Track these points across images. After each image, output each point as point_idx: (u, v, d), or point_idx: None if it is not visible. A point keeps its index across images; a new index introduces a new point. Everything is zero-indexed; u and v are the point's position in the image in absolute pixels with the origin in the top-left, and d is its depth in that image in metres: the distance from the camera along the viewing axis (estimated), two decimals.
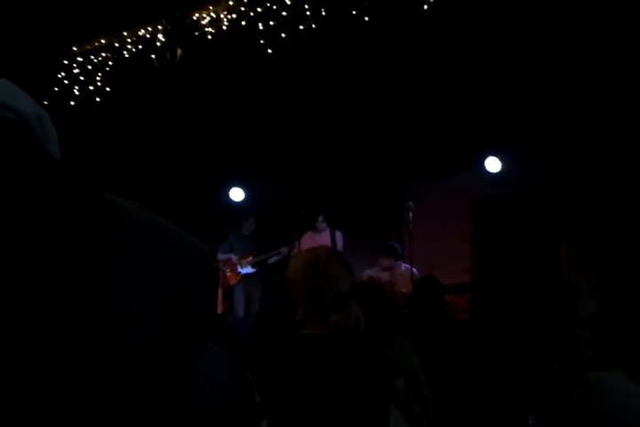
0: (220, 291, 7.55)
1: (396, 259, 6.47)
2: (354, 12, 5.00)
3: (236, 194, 8.20)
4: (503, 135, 6.65)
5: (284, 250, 7.20)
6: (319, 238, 6.94)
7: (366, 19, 5.00)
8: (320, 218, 6.99)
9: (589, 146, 6.55)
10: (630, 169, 6.36)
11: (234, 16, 5.50)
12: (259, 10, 5.34)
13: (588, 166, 6.66)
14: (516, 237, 5.63)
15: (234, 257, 7.40)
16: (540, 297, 5.33)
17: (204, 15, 5.65)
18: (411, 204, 6.54)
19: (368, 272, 6.46)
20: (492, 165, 7.00)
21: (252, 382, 1.73)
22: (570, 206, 6.43)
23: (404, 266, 6.55)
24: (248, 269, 7.41)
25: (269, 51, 5.40)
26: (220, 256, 7.37)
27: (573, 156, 6.73)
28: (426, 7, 4.82)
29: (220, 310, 7.44)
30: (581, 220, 6.58)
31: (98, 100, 6.27)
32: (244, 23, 5.42)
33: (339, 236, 7.03)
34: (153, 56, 5.91)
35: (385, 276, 6.38)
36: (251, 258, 7.41)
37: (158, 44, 5.88)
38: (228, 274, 7.41)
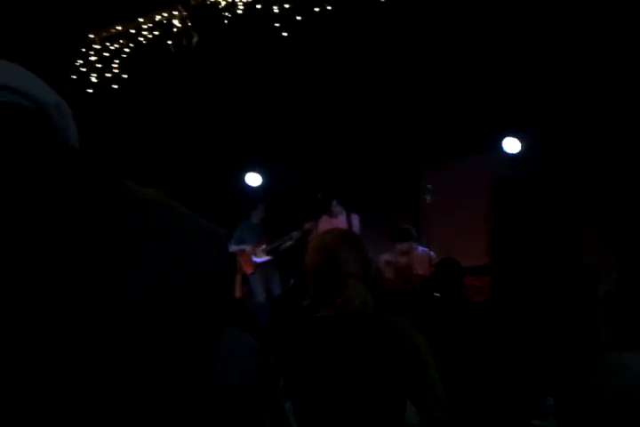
0: (237, 277, 7.59)
1: (412, 242, 6.42)
2: None
3: (253, 178, 8.20)
4: (522, 115, 6.55)
5: (296, 234, 7.19)
6: (336, 222, 6.93)
7: (382, 0, 4.95)
8: (334, 202, 6.97)
9: (610, 127, 6.45)
10: None
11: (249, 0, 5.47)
12: None
13: (608, 147, 6.56)
14: (536, 218, 5.59)
15: (247, 248, 7.41)
16: (559, 278, 5.30)
17: (220, 0, 5.62)
18: (429, 186, 6.49)
19: (384, 257, 6.43)
20: (511, 145, 6.90)
21: (276, 366, 1.76)
22: (589, 187, 6.35)
23: (421, 249, 6.51)
24: (263, 258, 7.43)
25: (285, 34, 5.37)
26: (233, 248, 7.32)
27: (593, 136, 6.62)
28: None
29: (238, 295, 7.49)
30: (601, 201, 6.49)
31: (115, 87, 6.30)
32: (259, 7, 5.39)
33: (355, 219, 7.01)
34: (169, 42, 5.91)
35: (402, 259, 6.35)
36: (264, 246, 7.42)
37: (174, 29, 5.87)
38: (244, 264, 7.43)
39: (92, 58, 6.26)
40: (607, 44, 5.41)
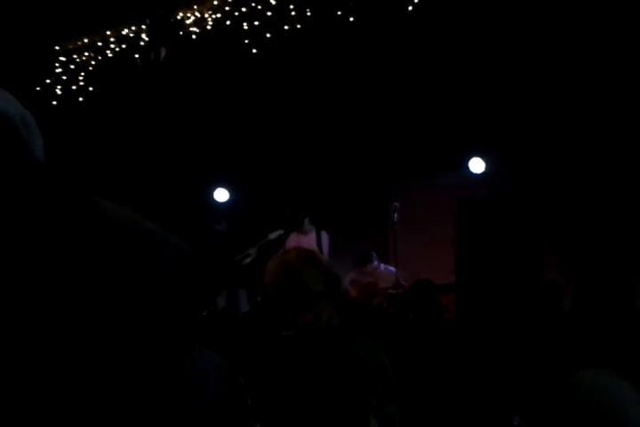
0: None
1: (373, 262, 6.52)
2: (339, 13, 5.01)
3: (221, 195, 8.15)
4: (487, 136, 6.68)
5: (253, 251, 7.17)
6: (305, 239, 6.92)
7: (351, 19, 5.01)
8: (306, 220, 6.98)
9: (572, 146, 6.61)
10: (612, 169, 6.43)
11: (218, 16, 5.47)
12: (243, 9, 5.32)
13: (570, 167, 6.72)
14: (501, 236, 5.66)
15: None
16: (524, 296, 5.36)
17: (189, 15, 5.62)
18: (396, 204, 6.55)
19: (351, 276, 6.49)
20: (476, 165, 7.03)
21: (245, 386, 1.73)
22: (553, 206, 6.48)
23: (383, 266, 6.60)
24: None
25: (254, 51, 5.39)
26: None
27: (556, 157, 6.78)
28: (410, 8, 4.83)
29: (205, 312, 7.39)
30: (564, 219, 6.63)
31: (80, 99, 6.22)
32: (228, 23, 5.40)
33: (324, 237, 7.02)
34: (137, 55, 5.87)
35: (367, 278, 6.43)
36: None
37: (142, 43, 5.84)
38: None
39: (58, 70, 6.18)
40: (566, 67, 5.57)
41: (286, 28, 5.19)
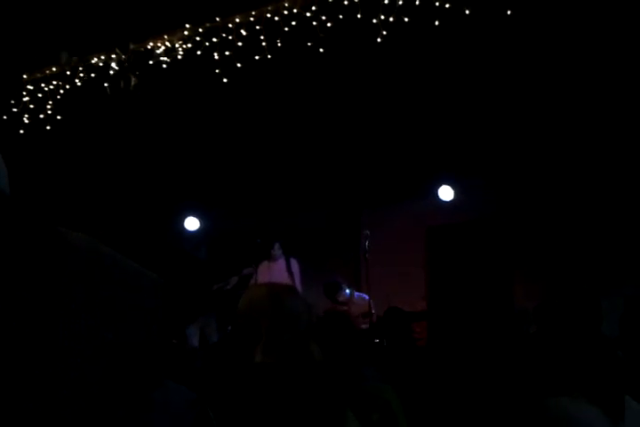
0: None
1: (343, 291, 6.50)
2: (309, 44, 5.08)
3: (191, 223, 8.10)
4: (456, 165, 6.79)
5: (234, 280, 7.11)
6: (275, 266, 6.89)
7: (321, 50, 5.08)
8: (276, 246, 6.95)
9: (540, 176, 6.74)
10: (580, 198, 6.56)
11: (189, 46, 5.51)
12: (214, 40, 5.37)
13: (538, 196, 6.85)
14: (471, 264, 5.71)
15: None
16: (495, 323, 5.39)
17: (159, 44, 5.64)
18: (367, 232, 6.58)
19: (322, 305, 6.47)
20: (445, 193, 7.12)
21: (213, 418, 1.69)
22: (522, 234, 6.57)
23: (356, 294, 6.59)
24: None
25: (225, 80, 5.42)
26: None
27: (523, 186, 6.91)
28: (379, 40, 4.93)
29: (174, 342, 7.26)
30: (533, 247, 6.72)
31: (48, 128, 6.15)
32: (199, 53, 5.44)
33: (294, 264, 6.99)
34: (106, 84, 5.86)
35: (340, 307, 6.40)
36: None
37: (111, 72, 5.83)
38: None
39: (25, 98, 6.13)
40: (531, 97, 5.71)
41: (257, 58, 5.24)
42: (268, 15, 5.21)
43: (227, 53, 5.32)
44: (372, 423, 2.34)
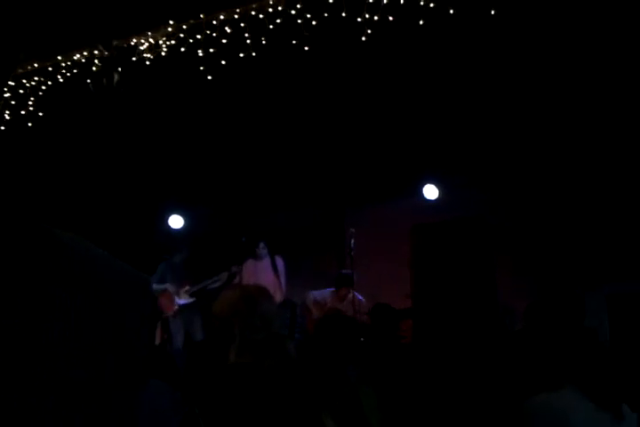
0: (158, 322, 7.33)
1: (348, 289, 6.47)
2: (293, 42, 5.07)
3: (176, 221, 8.06)
4: (440, 164, 6.82)
5: (224, 275, 7.08)
6: (260, 265, 6.88)
7: (306, 48, 5.07)
8: (261, 244, 6.94)
9: (525, 174, 6.80)
10: (564, 196, 6.63)
11: (173, 42, 5.47)
12: (198, 37, 5.34)
13: (523, 195, 6.90)
14: (456, 262, 5.74)
15: (170, 287, 7.20)
16: (478, 321, 5.42)
17: (143, 41, 5.59)
18: (352, 230, 6.59)
19: (314, 295, 6.41)
20: (430, 192, 7.16)
21: (199, 416, 1.69)
22: (507, 233, 6.61)
23: (356, 295, 6.57)
24: (186, 300, 7.23)
25: (209, 77, 5.39)
26: (155, 287, 7.10)
27: (508, 184, 6.96)
28: (364, 38, 4.93)
29: (157, 341, 7.22)
30: (518, 246, 6.78)
31: (30, 125, 6.08)
32: (183, 49, 5.40)
33: (280, 262, 6.99)
34: (89, 81, 5.80)
35: (336, 304, 6.35)
36: (188, 287, 7.25)
37: (94, 68, 5.78)
38: (166, 305, 7.21)
39: (6, 95, 6.05)
40: (518, 94, 5.75)
41: (241, 55, 5.22)
42: (253, 13, 5.19)
43: (211, 51, 5.29)
44: (346, 424, 2.35)
